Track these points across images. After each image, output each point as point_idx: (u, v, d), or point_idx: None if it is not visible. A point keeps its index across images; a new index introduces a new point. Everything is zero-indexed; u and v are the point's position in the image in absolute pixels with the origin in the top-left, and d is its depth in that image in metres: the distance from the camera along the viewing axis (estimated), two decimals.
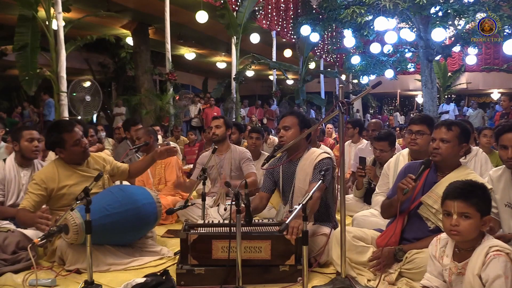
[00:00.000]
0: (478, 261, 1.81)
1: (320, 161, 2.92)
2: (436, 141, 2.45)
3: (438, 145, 2.43)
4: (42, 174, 2.98)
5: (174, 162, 4.43)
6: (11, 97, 14.54)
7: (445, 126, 2.46)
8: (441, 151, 2.42)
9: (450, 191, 1.96)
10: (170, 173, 4.38)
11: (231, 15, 10.71)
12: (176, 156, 4.52)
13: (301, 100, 14.33)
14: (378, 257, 2.43)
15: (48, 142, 3.04)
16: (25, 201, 2.88)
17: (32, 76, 7.22)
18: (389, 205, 2.55)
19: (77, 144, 2.96)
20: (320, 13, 13.48)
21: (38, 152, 3.51)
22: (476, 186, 1.94)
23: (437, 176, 2.49)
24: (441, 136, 2.44)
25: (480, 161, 4.10)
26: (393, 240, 2.48)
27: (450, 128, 2.44)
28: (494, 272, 1.74)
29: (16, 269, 2.63)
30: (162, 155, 3.31)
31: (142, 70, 11.58)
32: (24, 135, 3.40)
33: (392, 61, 14.56)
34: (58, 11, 7.10)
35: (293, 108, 13.89)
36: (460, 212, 1.88)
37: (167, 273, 2.47)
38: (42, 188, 2.90)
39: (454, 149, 2.43)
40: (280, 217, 3.09)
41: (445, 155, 2.42)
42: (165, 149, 3.29)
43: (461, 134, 2.45)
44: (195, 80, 19.93)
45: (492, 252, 1.79)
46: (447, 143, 2.42)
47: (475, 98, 18.73)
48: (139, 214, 2.86)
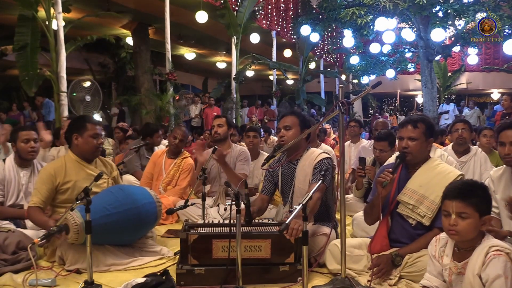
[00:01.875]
0: (478, 260, 1.81)
1: (320, 161, 2.92)
2: (404, 140, 2.52)
3: (407, 143, 2.51)
4: (50, 166, 3.03)
5: (191, 169, 4.38)
6: (11, 97, 14.54)
7: (411, 124, 2.53)
8: (411, 149, 2.50)
9: (449, 191, 1.97)
10: (183, 179, 4.35)
11: (231, 15, 10.70)
12: (193, 163, 4.50)
13: (301, 100, 14.32)
14: (377, 264, 2.43)
15: (69, 127, 3.10)
16: (35, 197, 2.90)
17: (32, 76, 7.21)
18: (371, 206, 2.60)
19: (94, 137, 3.01)
20: (320, 13, 13.47)
21: (35, 153, 3.52)
22: (476, 186, 1.94)
23: (409, 172, 2.57)
24: (409, 134, 2.51)
25: (480, 160, 4.11)
26: (384, 243, 2.53)
27: (416, 126, 2.51)
28: (494, 272, 1.74)
29: (16, 269, 2.63)
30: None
31: (142, 70, 11.58)
32: (20, 136, 3.42)
33: (392, 61, 14.55)
34: (58, 11, 7.09)
35: (294, 108, 13.89)
36: (458, 212, 1.89)
37: (167, 273, 2.47)
38: (50, 182, 2.93)
39: (422, 145, 2.52)
40: (280, 217, 3.09)
41: (415, 153, 2.50)
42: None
43: (427, 130, 2.52)
44: (195, 80, 19.91)
45: (492, 252, 1.79)
46: (415, 140, 2.50)
47: (475, 98, 18.69)
48: (139, 214, 2.87)
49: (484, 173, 4.02)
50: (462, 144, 4.12)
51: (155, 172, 4.44)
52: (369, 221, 2.67)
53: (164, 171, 4.39)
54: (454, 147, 4.22)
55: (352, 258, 2.56)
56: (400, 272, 2.40)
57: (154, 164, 4.48)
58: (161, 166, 4.41)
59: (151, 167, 4.49)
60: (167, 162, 4.42)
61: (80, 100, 7.46)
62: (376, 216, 2.59)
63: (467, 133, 4.11)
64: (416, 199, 2.48)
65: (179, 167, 4.37)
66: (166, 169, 4.38)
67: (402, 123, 2.65)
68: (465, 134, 4.10)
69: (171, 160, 4.41)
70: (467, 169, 4.07)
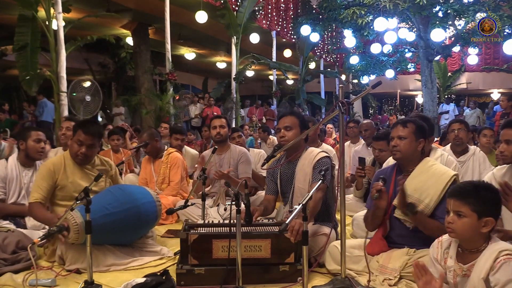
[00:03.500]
0: (486, 264, 1.79)
1: (319, 161, 2.92)
2: (394, 139, 2.60)
3: (396, 142, 2.58)
4: (50, 163, 3.05)
5: (179, 163, 4.42)
6: (11, 97, 14.53)
7: (401, 124, 2.62)
8: (400, 148, 2.56)
9: (451, 189, 2.00)
10: (175, 174, 4.38)
11: (231, 15, 10.70)
12: (183, 157, 4.55)
13: (301, 100, 14.32)
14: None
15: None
16: (36, 194, 2.91)
17: (32, 76, 7.21)
18: (372, 217, 2.61)
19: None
20: (320, 13, 13.48)
21: (43, 154, 3.54)
22: (479, 187, 1.93)
23: (403, 176, 2.59)
24: (398, 133, 2.59)
25: (478, 160, 4.11)
26: (382, 244, 2.55)
27: (405, 126, 2.60)
28: (506, 276, 1.73)
29: (16, 269, 2.63)
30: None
31: (142, 70, 11.57)
32: (32, 135, 3.46)
33: (392, 61, 14.56)
34: (58, 11, 7.09)
35: (293, 108, 13.89)
36: (455, 210, 1.90)
37: (167, 273, 2.47)
38: (50, 178, 2.96)
39: (412, 145, 2.57)
40: (280, 217, 3.09)
41: (404, 151, 2.56)
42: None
43: (416, 130, 2.59)
44: (195, 80, 19.90)
45: (503, 256, 1.77)
46: (404, 139, 2.57)
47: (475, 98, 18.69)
48: (138, 213, 2.87)
49: (483, 173, 4.02)
50: (459, 144, 4.11)
51: (147, 176, 4.49)
52: (370, 229, 2.68)
53: (154, 173, 4.44)
54: (452, 147, 4.21)
55: (352, 259, 2.57)
56: (400, 272, 2.40)
57: (145, 169, 4.55)
58: (151, 169, 4.47)
59: (144, 172, 4.55)
60: (155, 164, 4.47)
61: (80, 100, 7.45)
62: (377, 225, 2.61)
63: (464, 133, 4.09)
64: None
65: (167, 163, 4.41)
66: (156, 171, 4.43)
67: (394, 124, 2.71)
68: (462, 134, 4.08)
69: (158, 161, 4.46)
70: (466, 169, 4.06)
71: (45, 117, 10.56)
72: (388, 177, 2.63)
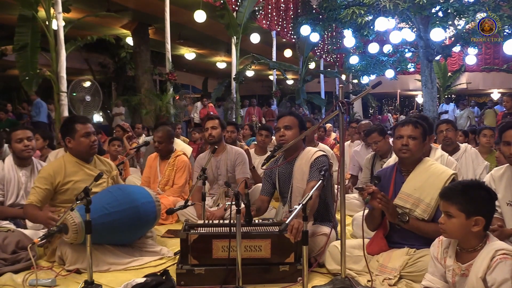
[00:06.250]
0: (483, 264, 1.80)
1: (316, 159, 2.92)
2: (404, 138, 2.58)
3: (407, 141, 2.57)
4: (50, 167, 3.03)
5: (186, 167, 4.39)
6: (11, 97, 14.53)
7: (412, 124, 2.61)
8: (411, 147, 2.56)
9: (442, 190, 2.05)
10: (180, 177, 4.36)
11: (231, 15, 10.70)
12: (189, 161, 4.52)
13: (301, 100, 14.32)
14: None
15: (61, 132, 3.18)
16: (32, 196, 2.92)
17: (32, 76, 7.21)
18: (371, 218, 2.61)
19: (86, 136, 3.03)
20: (320, 13, 13.47)
21: (31, 151, 3.54)
22: (468, 186, 1.94)
23: (403, 176, 2.61)
24: (409, 133, 2.58)
25: (471, 156, 4.16)
26: (382, 244, 2.56)
27: (416, 126, 2.60)
28: (502, 276, 1.74)
29: (16, 269, 2.63)
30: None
31: (142, 70, 11.58)
32: (13, 137, 3.49)
33: (392, 61, 14.55)
34: (58, 11, 7.09)
35: (292, 109, 13.90)
36: (444, 210, 1.94)
37: (167, 273, 2.47)
38: (49, 182, 2.94)
39: (420, 146, 2.59)
40: (279, 217, 3.09)
41: (414, 151, 2.56)
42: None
43: (424, 132, 2.62)
44: (195, 80, 19.91)
45: (499, 255, 1.78)
46: (415, 139, 2.57)
47: (475, 98, 18.70)
48: (138, 213, 2.87)
49: (477, 168, 4.06)
50: (449, 144, 4.15)
51: (151, 175, 4.46)
52: (371, 228, 2.68)
53: (159, 173, 4.42)
54: (442, 148, 4.22)
55: (352, 259, 2.57)
56: (400, 272, 2.40)
57: (150, 168, 4.51)
58: (156, 169, 4.44)
59: (148, 171, 4.52)
60: (161, 164, 4.44)
61: (80, 100, 7.46)
62: (377, 225, 2.62)
63: (452, 132, 4.15)
64: (412, 203, 2.49)
65: (173, 166, 4.38)
66: (161, 171, 4.41)
67: (403, 122, 2.69)
68: (450, 134, 4.13)
69: (164, 161, 4.43)
70: (459, 166, 4.08)
71: (42, 117, 10.47)
72: (388, 177, 2.63)
